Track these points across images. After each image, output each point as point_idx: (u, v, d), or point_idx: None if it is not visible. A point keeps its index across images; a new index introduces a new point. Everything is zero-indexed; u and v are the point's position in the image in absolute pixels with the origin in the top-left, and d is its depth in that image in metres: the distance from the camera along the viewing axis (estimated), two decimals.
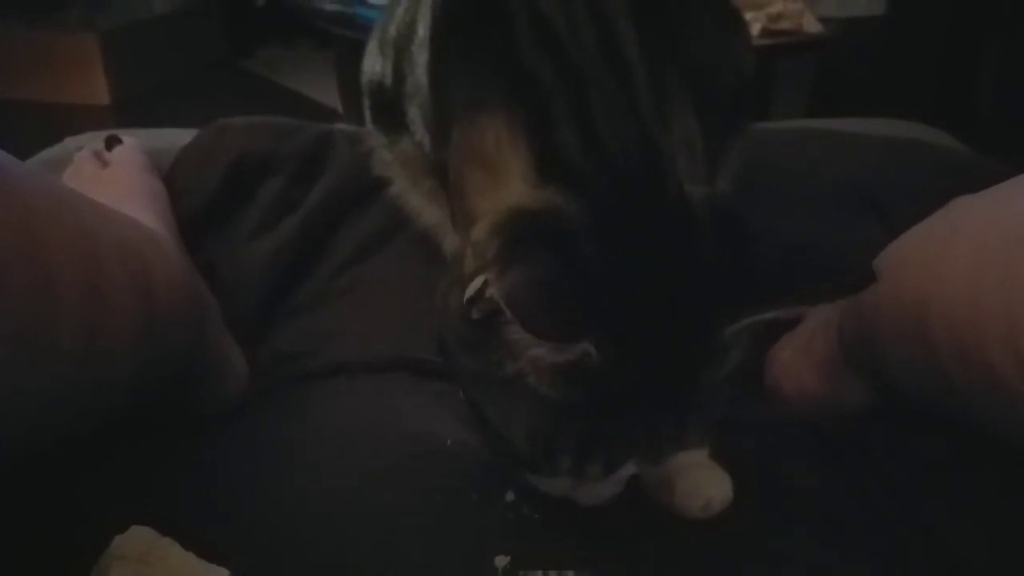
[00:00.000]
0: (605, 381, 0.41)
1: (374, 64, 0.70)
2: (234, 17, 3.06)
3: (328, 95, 2.50)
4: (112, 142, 0.81)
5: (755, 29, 1.60)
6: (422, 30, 0.59)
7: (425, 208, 0.72)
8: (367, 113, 0.73)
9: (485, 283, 0.42)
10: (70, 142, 0.90)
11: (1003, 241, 0.42)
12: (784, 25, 1.63)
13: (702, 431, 0.46)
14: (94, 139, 0.83)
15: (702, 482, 0.50)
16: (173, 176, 0.81)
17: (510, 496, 0.50)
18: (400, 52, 0.63)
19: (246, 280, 0.72)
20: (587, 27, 0.50)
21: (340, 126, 0.91)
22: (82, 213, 0.47)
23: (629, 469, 0.47)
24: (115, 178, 0.76)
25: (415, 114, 0.62)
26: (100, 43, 2.57)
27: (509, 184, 0.47)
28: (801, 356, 0.62)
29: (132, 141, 0.82)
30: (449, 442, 0.54)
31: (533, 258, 0.41)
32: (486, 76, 0.51)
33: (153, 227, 0.64)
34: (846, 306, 0.58)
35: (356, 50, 0.75)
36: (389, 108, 0.66)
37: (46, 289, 0.40)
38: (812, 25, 1.68)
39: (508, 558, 0.46)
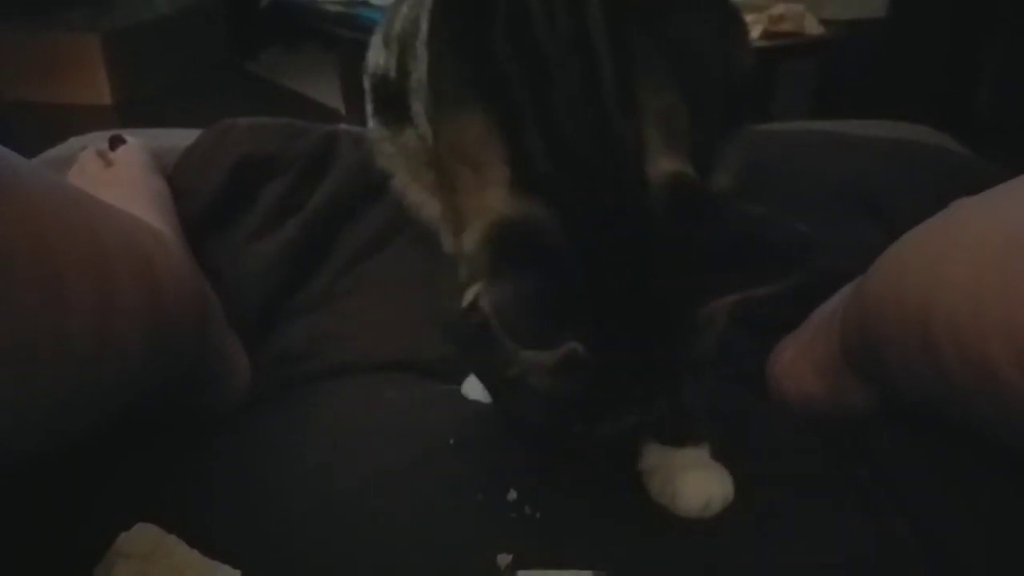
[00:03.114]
0: (594, 370, 0.44)
1: (378, 57, 0.70)
2: (237, 19, 3.06)
3: (331, 97, 2.50)
4: (116, 142, 0.82)
5: (756, 31, 1.60)
6: (425, 26, 0.59)
7: (427, 201, 0.72)
8: (368, 106, 0.73)
9: (478, 294, 0.44)
10: (74, 142, 0.91)
11: (1004, 243, 0.42)
12: (785, 27, 1.64)
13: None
14: (98, 139, 0.84)
15: (704, 482, 0.50)
16: (177, 176, 0.81)
17: (512, 495, 0.50)
18: (405, 47, 0.63)
19: (249, 281, 0.72)
20: (563, 18, 0.50)
21: (344, 127, 0.91)
22: (89, 211, 0.47)
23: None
24: (119, 178, 0.76)
25: (418, 108, 0.63)
26: (103, 44, 2.58)
27: (491, 185, 0.48)
28: (803, 357, 0.62)
29: (136, 141, 0.82)
30: (452, 441, 0.55)
31: (515, 273, 0.44)
32: (466, 71, 0.52)
33: (157, 226, 0.65)
34: (847, 307, 0.58)
35: (359, 51, 0.75)
36: (392, 101, 0.66)
37: (56, 287, 0.40)
38: (813, 27, 1.69)
39: (510, 557, 0.46)
